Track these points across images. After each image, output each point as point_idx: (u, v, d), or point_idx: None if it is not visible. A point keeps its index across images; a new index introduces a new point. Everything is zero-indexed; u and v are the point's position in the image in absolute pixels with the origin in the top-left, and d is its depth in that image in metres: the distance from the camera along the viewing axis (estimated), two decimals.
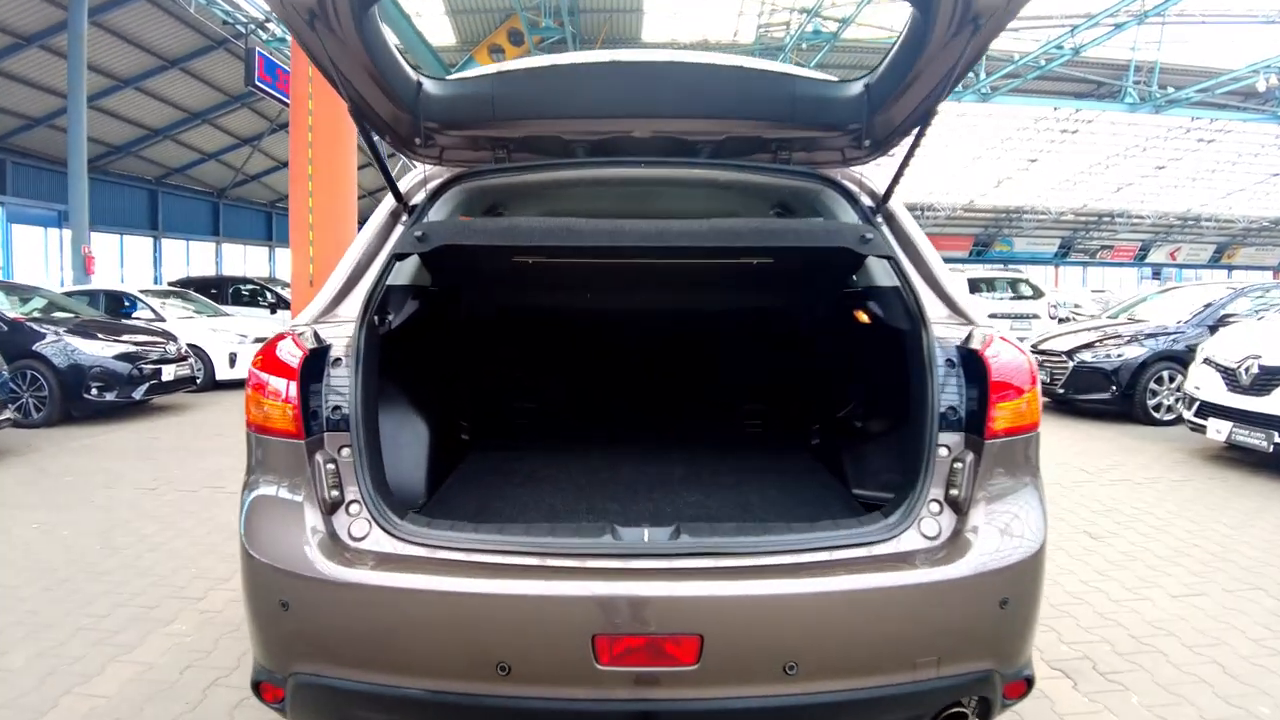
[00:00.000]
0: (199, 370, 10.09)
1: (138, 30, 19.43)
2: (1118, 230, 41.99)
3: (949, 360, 1.99)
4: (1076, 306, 19.95)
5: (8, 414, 6.79)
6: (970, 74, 2.60)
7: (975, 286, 16.34)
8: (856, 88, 2.38)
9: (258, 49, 14.52)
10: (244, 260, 32.76)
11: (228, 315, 12.88)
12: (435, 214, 2.43)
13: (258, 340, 11.10)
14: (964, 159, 33.13)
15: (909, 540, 1.84)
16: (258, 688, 1.86)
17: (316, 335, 2.00)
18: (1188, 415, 7.00)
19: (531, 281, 3.02)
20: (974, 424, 1.93)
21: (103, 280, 18.67)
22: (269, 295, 15.51)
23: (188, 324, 11.26)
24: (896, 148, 2.47)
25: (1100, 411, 8.96)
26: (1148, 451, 7.25)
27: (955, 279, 2.25)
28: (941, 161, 32.49)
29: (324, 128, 10.51)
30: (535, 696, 1.70)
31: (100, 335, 8.70)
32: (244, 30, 18.75)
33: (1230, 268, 42.83)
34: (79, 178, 15.69)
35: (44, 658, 3.02)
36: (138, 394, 8.52)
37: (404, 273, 2.46)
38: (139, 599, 3.61)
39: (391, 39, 2.14)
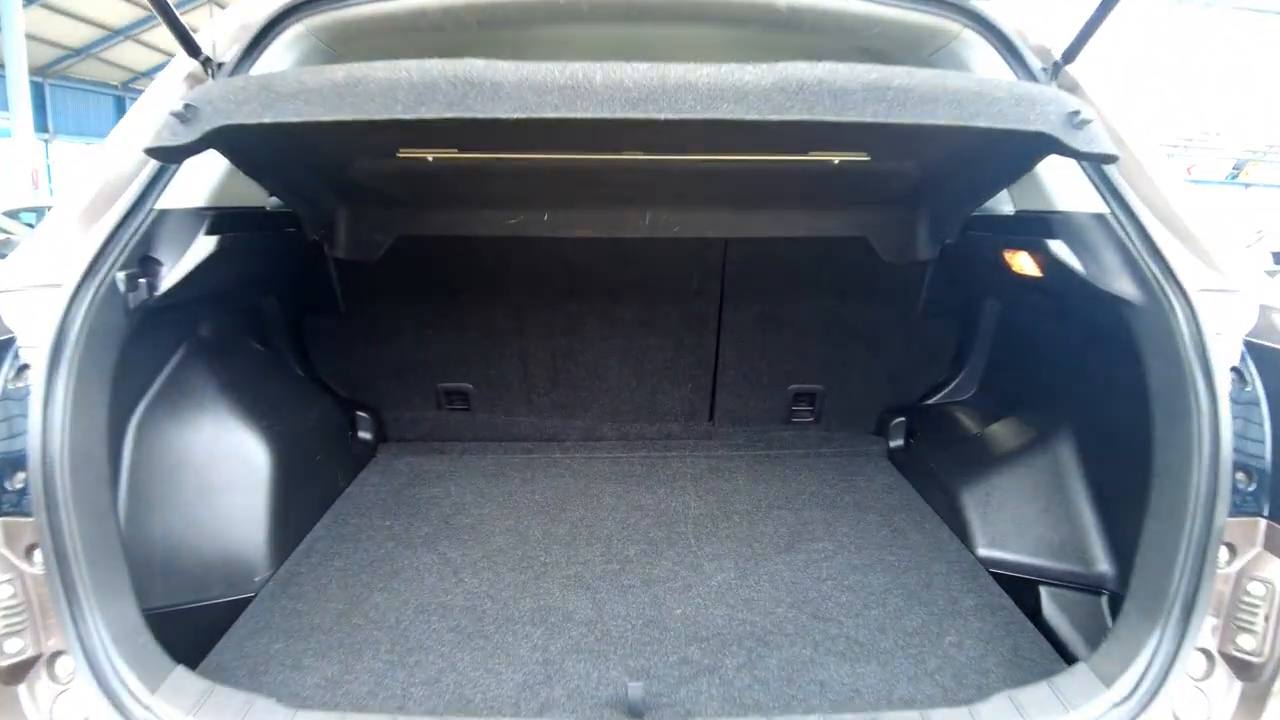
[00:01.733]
0: None
1: None
2: None
3: (1237, 371, 1.06)
4: None
5: None
6: None
7: None
8: None
9: None
10: None
11: None
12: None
13: None
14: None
15: None
16: None
17: None
18: None
19: (445, 190, 2.00)
20: None
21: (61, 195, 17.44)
22: None
23: None
24: None
25: None
26: None
27: (1202, 208, 1.28)
28: None
29: None
30: None
31: None
32: None
33: (1248, 185, 41.14)
34: (18, 82, 14.28)
35: None
36: None
37: (197, 185, 1.47)
38: None
39: None
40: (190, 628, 1.52)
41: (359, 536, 1.90)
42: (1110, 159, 1.15)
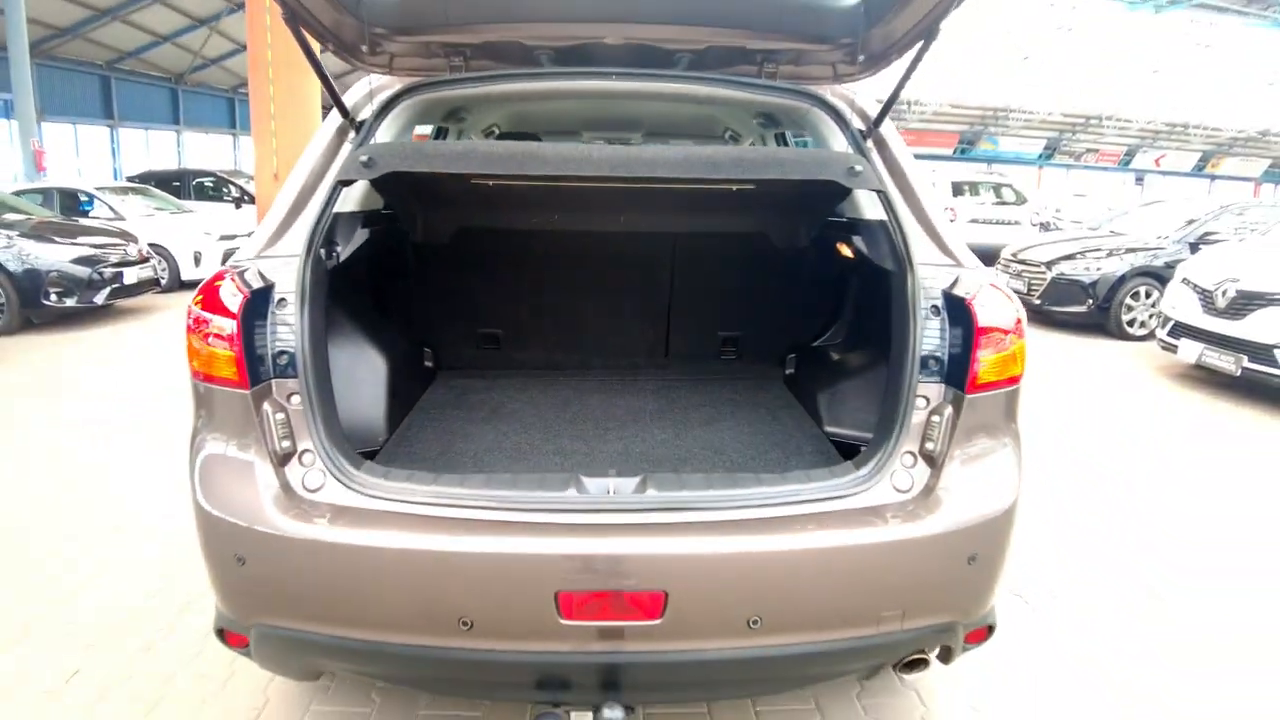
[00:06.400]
0: (163, 271, 9.84)
1: None
2: (1105, 133, 41.22)
3: (934, 306, 1.90)
4: (1058, 211, 19.61)
5: None
6: None
7: (958, 190, 16.04)
8: None
9: None
10: (207, 149, 31.33)
11: (190, 212, 12.39)
12: (385, 130, 2.25)
13: (223, 238, 10.77)
14: (954, 53, 31.96)
15: (880, 494, 1.80)
16: (221, 634, 1.84)
17: (260, 273, 1.86)
18: (1161, 334, 7.01)
19: (493, 201, 2.87)
20: (955, 376, 1.86)
21: (57, 176, 17.83)
22: (232, 189, 14.85)
23: (149, 222, 10.81)
24: (892, 64, 2.30)
25: (1075, 324, 8.96)
26: (1117, 368, 7.32)
27: (946, 216, 2.13)
28: (930, 55, 31.10)
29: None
30: (498, 650, 1.69)
31: (56, 238, 8.30)
32: None
33: (1214, 177, 42.53)
34: (21, 64, 14.70)
35: None
36: (99, 299, 8.22)
37: (352, 198, 2.32)
38: None
39: None
40: None
41: (440, 418, 2.76)
42: (877, 190, 2.00)
